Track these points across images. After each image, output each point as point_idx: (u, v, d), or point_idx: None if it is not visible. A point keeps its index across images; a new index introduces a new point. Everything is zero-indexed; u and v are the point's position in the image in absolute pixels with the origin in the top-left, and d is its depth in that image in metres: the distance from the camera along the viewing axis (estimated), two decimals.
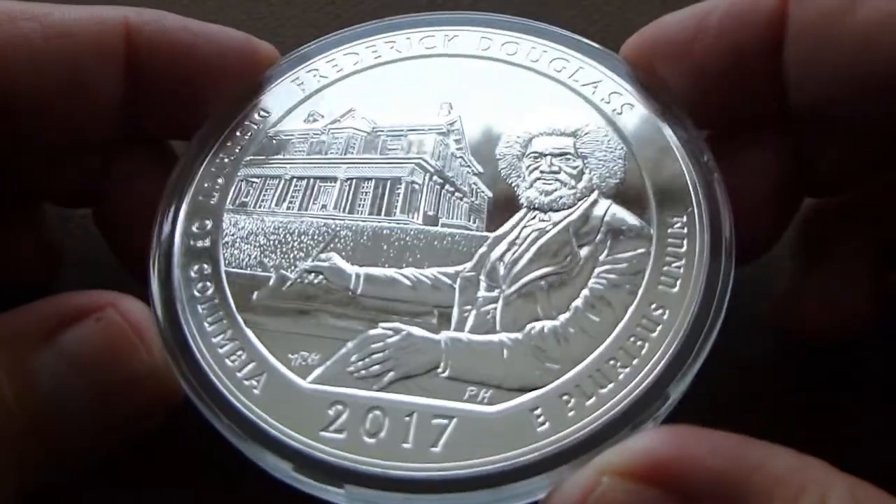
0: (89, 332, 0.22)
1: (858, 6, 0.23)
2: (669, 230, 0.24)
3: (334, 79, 0.28)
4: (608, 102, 0.27)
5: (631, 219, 0.24)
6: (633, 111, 0.27)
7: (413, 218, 0.25)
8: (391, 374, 0.22)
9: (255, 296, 0.24)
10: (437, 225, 0.25)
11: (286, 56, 0.29)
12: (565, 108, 0.27)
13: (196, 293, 0.24)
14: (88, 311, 0.22)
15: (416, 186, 0.26)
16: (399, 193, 0.26)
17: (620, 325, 0.22)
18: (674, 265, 0.23)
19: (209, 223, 0.25)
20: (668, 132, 0.26)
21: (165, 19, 0.27)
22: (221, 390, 0.22)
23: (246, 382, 0.22)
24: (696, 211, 0.24)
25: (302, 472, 0.21)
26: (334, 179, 0.26)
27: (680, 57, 0.26)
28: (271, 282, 0.24)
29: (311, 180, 0.26)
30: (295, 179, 0.26)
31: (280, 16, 0.39)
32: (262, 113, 0.28)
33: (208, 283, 0.24)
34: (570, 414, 0.21)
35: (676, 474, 0.19)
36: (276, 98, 0.28)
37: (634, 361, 0.22)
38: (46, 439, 0.22)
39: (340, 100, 0.28)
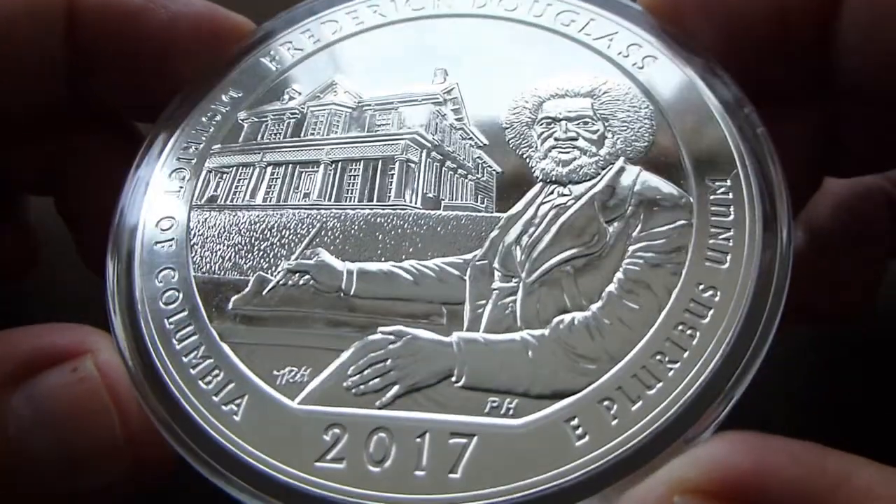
0: (62, 384, 0.19)
1: None
2: (712, 196, 0.20)
3: (311, 51, 0.25)
4: (627, 56, 0.23)
5: (665, 186, 0.21)
6: (657, 64, 0.23)
7: (410, 201, 0.22)
8: (396, 387, 0.19)
9: (230, 304, 0.20)
10: (438, 208, 0.22)
11: (259, 28, 0.25)
12: (578, 65, 0.23)
13: (162, 305, 0.20)
14: (66, 354, 0.20)
15: (412, 165, 0.22)
16: (392, 175, 0.22)
17: (664, 311, 0.19)
18: (721, 237, 0.20)
19: (174, 222, 0.22)
20: (699, 84, 0.22)
21: None
22: (195, 418, 0.19)
23: (224, 408, 0.19)
24: (741, 172, 0.21)
25: None
26: (317, 163, 0.23)
27: (713, 8, 0.22)
28: (249, 286, 0.21)
29: (290, 166, 0.23)
30: (271, 167, 0.23)
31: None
32: (231, 94, 0.24)
33: (175, 293, 0.21)
34: (614, 423, 0.18)
35: (757, 489, 0.15)
36: (246, 76, 0.24)
37: (685, 355, 0.18)
38: (11, 489, 0.19)
39: (319, 74, 0.24)
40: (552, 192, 0.21)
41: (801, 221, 0.26)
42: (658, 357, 0.18)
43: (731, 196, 0.20)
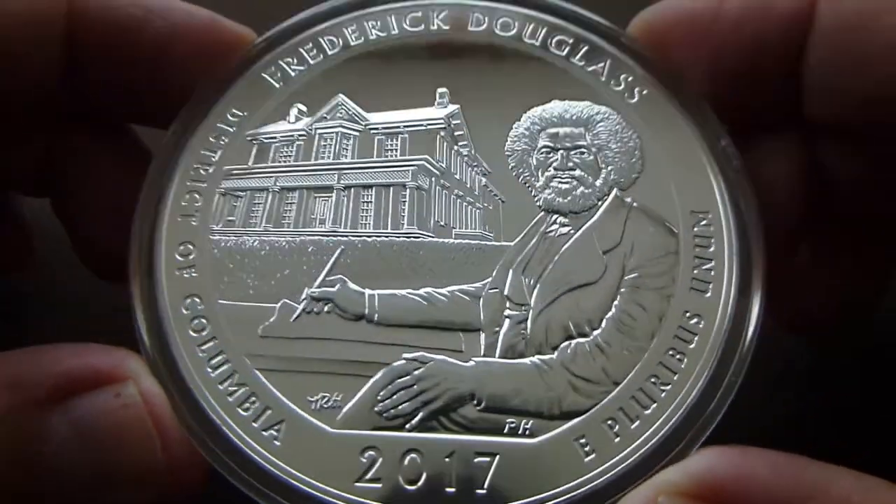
0: (106, 408, 0.20)
1: None
2: (696, 228, 0.23)
3: (314, 66, 0.25)
4: (618, 86, 0.25)
5: (655, 218, 0.23)
6: (645, 95, 0.25)
7: (424, 229, 0.23)
8: (423, 411, 0.21)
9: (259, 331, 0.22)
10: (450, 236, 0.23)
11: (258, 40, 0.26)
12: (573, 93, 0.25)
13: (191, 333, 0.21)
14: (106, 377, 0.20)
15: (423, 192, 0.24)
16: (405, 202, 0.24)
17: (657, 338, 0.21)
18: (704, 267, 0.22)
19: (193, 248, 0.23)
20: (684, 115, 0.24)
21: None
22: (238, 445, 0.20)
23: (265, 433, 0.20)
24: (720, 205, 0.23)
25: None
26: (329, 189, 0.24)
27: (695, 40, 0.24)
28: (276, 314, 0.22)
29: (304, 192, 0.24)
30: (284, 191, 0.24)
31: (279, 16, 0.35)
32: (236, 111, 0.24)
33: (203, 321, 0.22)
34: (616, 441, 0.20)
35: (734, 494, 0.18)
36: (250, 92, 0.25)
37: (676, 377, 0.21)
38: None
39: (323, 91, 0.25)
40: (554, 222, 0.23)
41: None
42: (652, 380, 0.21)
43: (712, 228, 0.23)
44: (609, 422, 0.20)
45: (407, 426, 0.20)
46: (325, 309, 0.22)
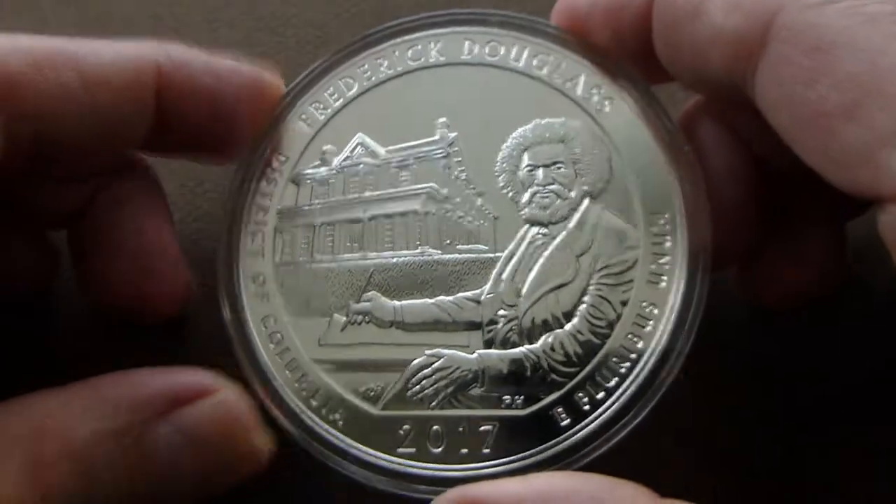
0: (209, 413, 0.25)
1: (700, 16, 0.25)
2: (654, 228, 0.28)
3: (336, 108, 0.31)
4: (590, 99, 0.29)
5: (620, 222, 0.28)
6: (614, 106, 0.29)
7: (433, 248, 0.29)
8: (441, 393, 0.28)
9: (319, 340, 0.29)
10: (454, 251, 0.29)
11: (289, 88, 0.31)
12: (553, 110, 0.29)
13: (272, 346, 0.29)
14: (206, 391, 0.25)
15: (430, 217, 0.30)
16: (418, 226, 0.30)
17: (619, 324, 0.27)
18: (660, 261, 0.27)
19: (264, 277, 0.30)
20: (647, 124, 0.28)
21: (192, 63, 0.29)
22: (312, 426, 0.28)
23: (330, 417, 0.28)
24: (677, 210, 0.28)
25: (389, 481, 0.28)
26: (359, 220, 0.30)
27: (572, 25, 0.29)
28: (329, 325, 0.29)
29: (339, 224, 0.30)
30: (325, 226, 0.30)
31: (280, 15, 0.40)
32: (280, 158, 0.31)
33: (279, 335, 0.29)
34: (586, 408, 0.27)
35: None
36: (289, 139, 0.31)
37: (633, 356, 0.27)
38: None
39: (345, 131, 0.31)
40: (537, 233, 0.29)
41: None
42: (615, 360, 0.27)
43: (668, 227, 0.28)
44: (579, 394, 0.27)
45: (430, 405, 0.28)
46: (366, 320, 0.29)
